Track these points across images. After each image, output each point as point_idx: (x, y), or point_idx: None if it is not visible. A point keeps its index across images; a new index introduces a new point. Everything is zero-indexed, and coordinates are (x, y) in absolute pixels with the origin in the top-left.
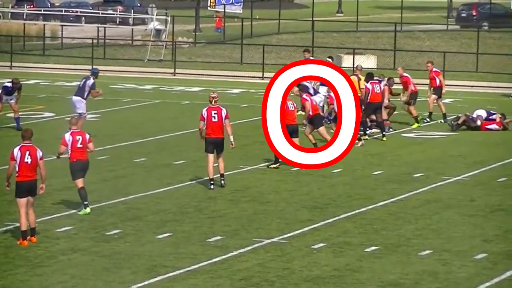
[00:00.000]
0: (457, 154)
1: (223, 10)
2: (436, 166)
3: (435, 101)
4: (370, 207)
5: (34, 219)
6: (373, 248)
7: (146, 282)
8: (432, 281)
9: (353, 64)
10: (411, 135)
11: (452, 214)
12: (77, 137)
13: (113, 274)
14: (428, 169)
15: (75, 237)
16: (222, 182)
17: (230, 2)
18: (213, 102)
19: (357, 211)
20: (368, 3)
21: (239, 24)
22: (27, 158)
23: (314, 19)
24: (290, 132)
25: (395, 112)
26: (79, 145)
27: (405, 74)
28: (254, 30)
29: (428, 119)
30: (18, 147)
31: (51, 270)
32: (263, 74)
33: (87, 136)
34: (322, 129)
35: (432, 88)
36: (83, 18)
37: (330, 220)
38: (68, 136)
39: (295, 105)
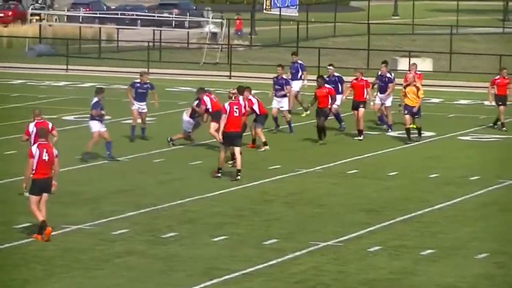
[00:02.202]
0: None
1: (279, 13)
2: (492, 168)
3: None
4: (427, 210)
5: (44, 214)
6: (429, 251)
7: (201, 285)
8: (489, 285)
9: (409, 67)
10: (468, 138)
11: (509, 217)
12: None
13: (169, 277)
14: (484, 172)
15: (130, 240)
16: (238, 177)
17: (286, 5)
18: (233, 98)
19: (413, 214)
20: (423, 6)
21: (295, 27)
22: (45, 156)
23: (369, 22)
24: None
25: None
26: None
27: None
28: (309, 33)
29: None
30: (36, 145)
31: (106, 273)
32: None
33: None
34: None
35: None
36: (139, 21)
37: (386, 223)
38: (31, 127)
39: (243, 110)
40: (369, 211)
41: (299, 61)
